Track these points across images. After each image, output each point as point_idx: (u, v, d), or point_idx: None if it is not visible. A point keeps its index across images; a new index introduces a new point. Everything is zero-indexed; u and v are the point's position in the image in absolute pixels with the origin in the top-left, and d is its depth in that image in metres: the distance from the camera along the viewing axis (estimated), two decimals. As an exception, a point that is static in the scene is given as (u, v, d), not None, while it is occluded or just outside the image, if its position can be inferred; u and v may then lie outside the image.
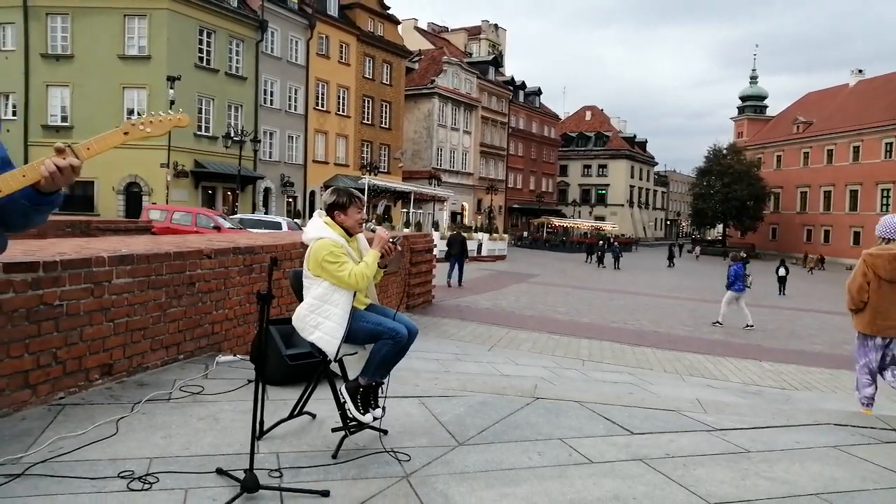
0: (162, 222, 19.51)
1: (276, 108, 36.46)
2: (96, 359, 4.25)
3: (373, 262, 3.47)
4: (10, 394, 3.60)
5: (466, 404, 4.54)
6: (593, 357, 9.05)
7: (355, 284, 3.39)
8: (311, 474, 3.19)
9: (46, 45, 29.84)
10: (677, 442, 3.99)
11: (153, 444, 3.39)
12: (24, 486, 2.79)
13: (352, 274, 3.38)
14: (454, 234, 20.66)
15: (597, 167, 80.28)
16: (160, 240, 6.42)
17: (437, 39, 60.85)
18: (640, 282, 27.00)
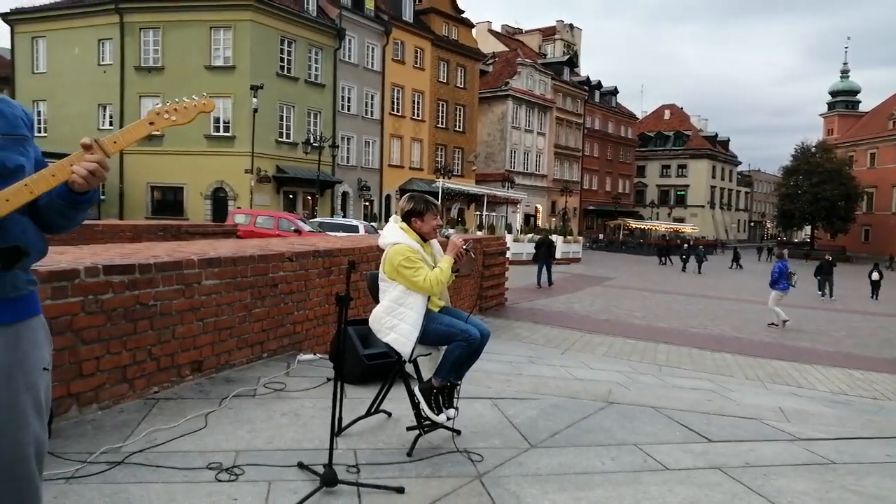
0: (246, 226, 20.31)
1: (353, 113, 37.27)
2: (187, 356, 4.51)
3: (447, 267, 3.55)
4: (110, 387, 3.87)
5: (539, 407, 4.55)
6: (671, 362, 8.85)
7: (429, 289, 3.48)
8: (387, 471, 3.29)
9: (140, 58, 31.57)
10: (757, 451, 3.88)
11: (239, 437, 3.57)
12: (123, 473, 3.01)
13: (427, 279, 3.47)
14: (541, 238, 21.47)
15: (676, 167, 78.03)
16: (245, 243, 6.72)
17: (510, 41, 60.70)
18: (722, 285, 26.09)
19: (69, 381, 3.60)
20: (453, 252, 3.61)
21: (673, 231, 61.47)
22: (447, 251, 3.64)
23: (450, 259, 3.58)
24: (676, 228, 63.14)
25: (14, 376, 1.70)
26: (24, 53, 34.63)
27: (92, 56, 32.44)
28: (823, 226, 65.32)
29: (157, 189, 31.94)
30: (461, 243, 3.62)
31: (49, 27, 33.69)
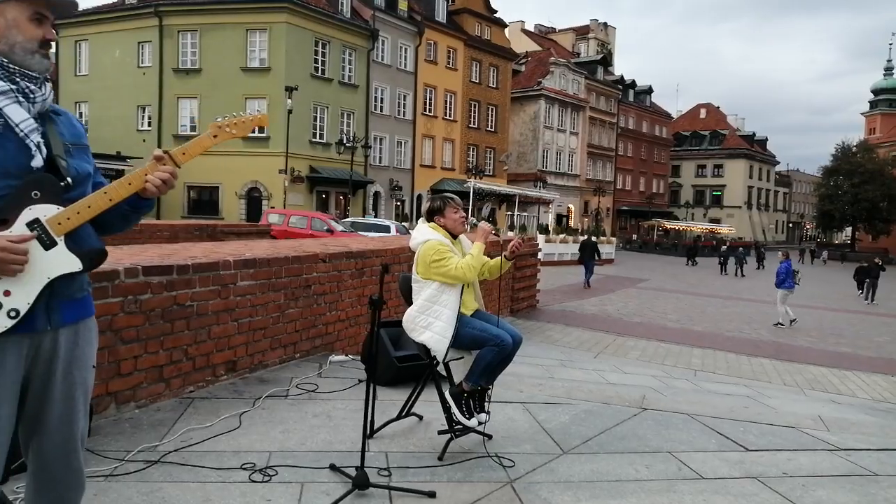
0: (280, 225, 20.54)
1: (386, 114, 37.45)
2: (222, 356, 4.57)
3: (477, 253, 3.56)
4: (147, 386, 3.94)
5: (571, 412, 4.51)
6: (706, 367, 8.70)
7: (462, 276, 3.48)
8: (419, 475, 3.29)
9: (178, 61, 32.16)
10: (796, 461, 3.79)
11: (272, 438, 3.61)
12: (160, 471, 3.06)
13: (458, 266, 3.48)
14: (585, 240, 22.48)
15: (712, 167, 76.77)
16: (279, 244, 6.79)
17: (544, 41, 60.38)
18: (758, 288, 25.56)
19: (108, 380, 3.68)
20: (483, 238, 3.63)
21: (708, 232, 60.49)
22: (477, 237, 3.66)
23: (480, 245, 3.59)
24: (712, 229, 62.12)
25: (71, 372, 1.82)
26: (67, 57, 35.56)
27: (132, 59, 33.17)
28: (865, 227, 63.65)
29: (193, 189, 32.50)
30: (489, 228, 3.66)
31: (91, 31, 34.54)
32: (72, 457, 1.88)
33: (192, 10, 31.92)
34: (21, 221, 1.66)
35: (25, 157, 1.69)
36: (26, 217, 1.67)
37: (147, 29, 32.46)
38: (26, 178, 1.68)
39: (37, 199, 1.68)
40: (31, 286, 1.68)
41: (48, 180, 1.71)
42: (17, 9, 1.69)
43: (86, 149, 1.90)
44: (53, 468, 1.87)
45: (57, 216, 1.71)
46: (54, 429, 1.83)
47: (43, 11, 1.73)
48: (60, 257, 1.73)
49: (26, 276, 1.67)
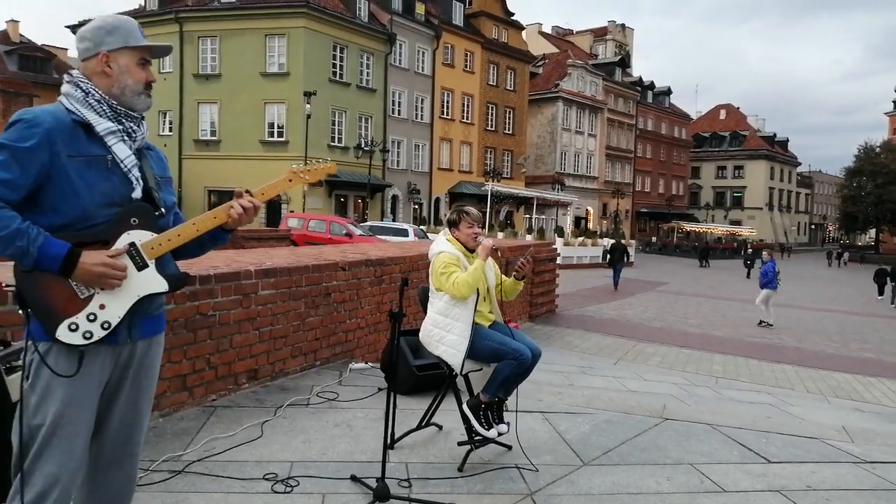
0: (299, 230, 20.66)
1: (404, 117, 37.56)
2: (244, 364, 4.62)
3: (474, 270, 3.55)
4: (170, 395, 4.00)
5: (592, 422, 4.50)
6: (727, 374, 8.62)
7: (457, 292, 3.49)
8: (439, 486, 3.30)
9: (198, 66, 32.51)
10: (819, 473, 3.74)
11: (294, 448, 3.64)
12: (183, 482, 3.10)
13: (455, 283, 3.49)
14: (615, 243, 23.11)
15: (732, 168, 76.03)
16: (299, 252, 6.84)
17: (561, 43, 60.22)
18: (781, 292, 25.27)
19: (133, 390, 3.72)
20: (484, 254, 3.62)
21: (728, 234, 59.92)
22: (479, 254, 3.67)
23: (480, 262, 3.59)
24: (733, 231, 61.53)
25: (139, 381, 2.03)
26: (89, 63, 36.02)
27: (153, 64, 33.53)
28: (889, 229, 62.65)
29: (214, 193, 32.80)
30: (490, 244, 3.65)
31: (113, 37, 34.94)
32: (127, 462, 2.05)
33: (211, 17, 32.26)
34: (120, 244, 1.89)
35: (127, 188, 1.93)
36: (124, 240, 1.89)
37: (168, 35, 32.80)
38: (127, 207, 1.91)
39: (135, 225, 1.92)
40: (124, 302, 1.89)
41: (145, 209, 1.95)
42: (127, 55, 1.96)
43: (170, 181, 2.14)
44: (109, 471, 2.02)
45: (150, 241, 1.93)
46: (116, 433, 2.01)
47: (147, 57, 2.01)
48: (150, 278, 1.94)
49: (120, 292, 1.88)
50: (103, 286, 1.84)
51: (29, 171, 1.76)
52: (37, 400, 1.82)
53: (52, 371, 1.80)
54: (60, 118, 1.84)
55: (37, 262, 1.75)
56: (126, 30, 1.97)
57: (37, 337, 1.82)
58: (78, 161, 1.83)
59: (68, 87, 1.93)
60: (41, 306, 1.80)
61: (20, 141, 1.76)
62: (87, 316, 1.83)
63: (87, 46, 1.95)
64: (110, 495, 2.04)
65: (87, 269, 1.79)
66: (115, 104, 1.93)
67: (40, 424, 1.82)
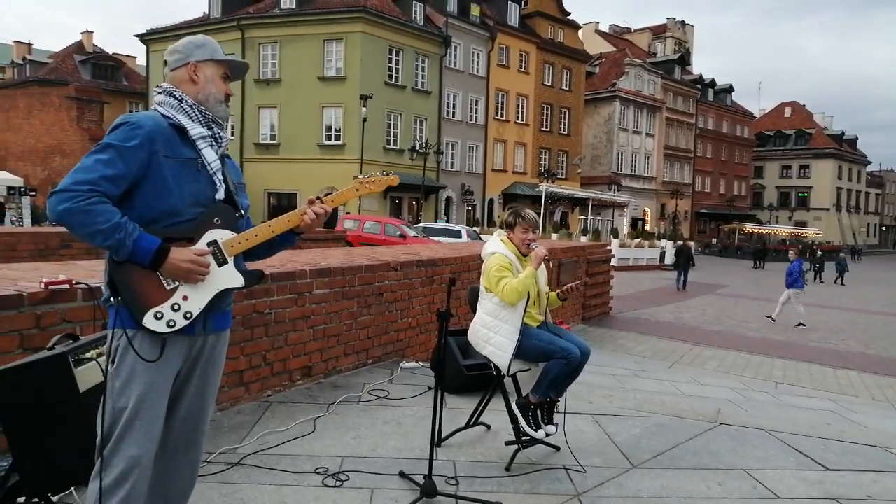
0: (355, 231, 20.97)
1: (458, 119, 37.66)
2: (298, 361, 4.76)
3: (525, 278, 3.54)
4: (228, 390, 4.15)
5: (642, 425, 4.45)
6: (788, 379, 8.35)
7: (505, 298, 3.51)
8: (486, 485, 3.33)
9: (259, 72, 33.36)
10: (881, 483, 3.61)
11: (345, 443, 3.73)
12: (239, 473, 3.23)
13: (504, 289, 3.50)
14: (681, 246, 24.13)
15: (797, 168, 73.34)
16: (353, 252, 6.98)
17: (618, 41, 59.30)
18: (848, 295, 24.29)
19: (193, 384, 3.88)
20: (536, 263, 3.61)
21: (793, 235, 57.88)
22: (531, 261, 3.65)
23: (531, 270, 3.58)
24: (798, 233, 59.41)
25: (207, 372, 2.18)
26: (156, 70, 37.46)
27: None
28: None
29: (273, 195, 33.59)
30: (542, 254, 3.62)
31: (178, 45, 36.22)
32: (192, 449, 2.20)
33: (272, 23, 33.06)
34: (203, 241, 2.05)
35: (212, 190, 2.10)
36: (207, 238, 2.06)
37: (230, 42, 33.77)
38: (210, 207, 2.08)
39: (217, 224, 2.08)
40: (204, 294, 2.05)
41: (228, 210, 2.12)
42: (213, 68, 2.16)
43: (244, 187, 2.33)
44: (175, 457, 2.16)
45: (231, 240, 2.09)
46: (184, 421, 2.15)
47: (227, 72, 2.21)
48: (229, 274, 2.10)
49: (202, 285, 2.03)
50: (189, 280, 1.99)
51: (131, 168, 1.92)
52: (121, 384, 1.96)
53: (138, 355, 1.94)
54: (159, 122, 2.02)
55: (131, 255, 1.89)
56: (212, 46, 2.20)
57: (125, 324, 1.95)
58: (173, 161, 2.00)
59: (161, 96, 2.11)
60: (131, 295, 1.94)
61: (126, 140, 1.92)
62: (171, 306, 1.98)
63: (178, 57, 2.15)
64: (176, 480, 2.18)
65: (176, 264, 1.94)
66: (204, 110, 2.12)
67: (124, 407, 1.95)
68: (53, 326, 3.04)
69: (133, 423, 1.95)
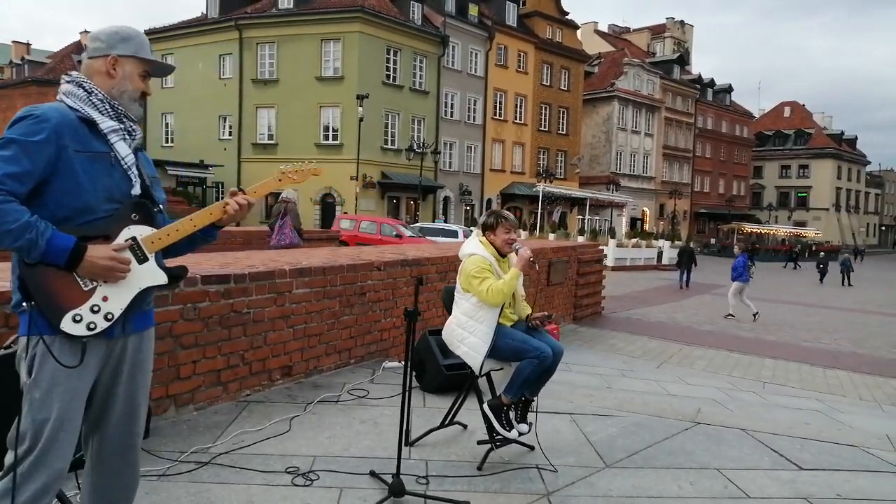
0: (351, 231, 21.00)
1: (456, 119, 37.68)
2: (278, 361, 4.76)
3: (510, 279, 3.55)
4: (205, 390, 4.15)
5: (620, 425, 4.45)
6: (776, 379, 8.34)
7: (490, 300, 3.50)
8: (456, 484, 3.34)
9: (256, 72, 33.40)
10: (853, 482, 3.62)
11: (318, 443, 3.74)
12: (209, 473, 3.23)
13: (489, 289, 3.49)
14: (683, 247, 25.07)
15: (797, 168, 73.29)
16: (338, 252, 6.98)
17: (617, 41, 59.28)
18: (846, 295, 24.28)
19: (168, 383, 3.89)
20: (521, 265, 3.60)
21: (792, 235, 57.86)
22: (515, 263, 3.64)
23: (516, 271, 3.58)
24: (797, 233, 59.38)
25: (135, 375, 2.09)
26: (155, 70, 37.45)
27: (214, 70, 34.67)
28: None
29: (270, 195, 33.52)
30: (528, 255, 3.61)
31: (176, 45, 36.33)
32: (130, 452, 2.13)
33: (269, 23, 33.10)
34: (121, 238, 1.97)
35: (127, 185, 2.02)
36: (125, 235, 1.98)
37: (228, 42, 33.85)
38: (127, 203, 2.00)
39: (135, 220, 2.00)
40: (126, 294, 1.97)
41: (145, 206, 2.04)
42: (133, 64, 2.07)
43: (159, 181, 2.23)
44: (112, 463, 2.09)
45: (150, 236, 2.01)
46: (116, 425, 2.06)
47: (149, 71, 2.12)
48: (151, 271, 2.03)
49: (122, 284, 1.96)
50: (108, 279, 1.91)
51: (38, 165, 1.83)
52: (41, 394, 1.86)
53: (59, 362, 1.84)
54: (66, 114, 1.92)
55: (44, 255, 1.80)
56: (139, 42, 2.09)
57: (41, 330, 1.85)
58: (84, 156, 1.91)
59: (69, 86, 2.00)
60: (46, 298, 1.84)
61: (30, 135, 1.83)
62: (90, 308, 1.89)
63: (99, 46, 2.04)
64: (116, 486, 2.11)
65: (94, 262, 1.85)
66: (116, 105, 2.02)
67: (47, 419, 1.85)
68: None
69: (58, 434, 1.86)
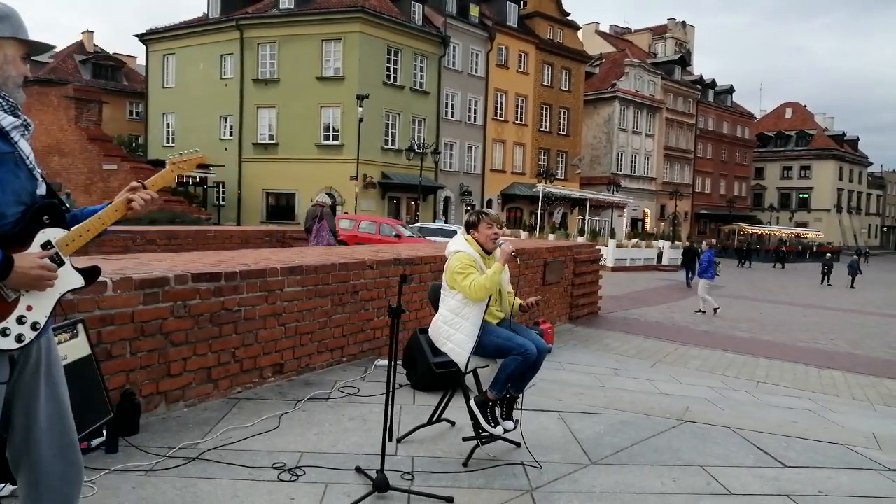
0: (350, 231, 21.03)
1: (457, 119, 37.70)
2: (269, 359, 4.80)
3: (491, 274, 3.59)
4: (196, 387, 4.19)
5: (608, 422, 4.49)
6: (770, 379, 8.37)
7: (473, 295, 3.55)
8: (441, 480, 3.38)
9: (257, 72, 33.44)
10: (836, 480, 3.65)
11: (306, 439, 3.78)
12: (196, 468, 3.27)
13: (472, 285, 3.54)
14: (688, 247, 26.03)
15: (798, 169, 73.25)
16: (333, 251, 7.02)
17: (619, 42, 59.30)
18: (845, 296, 24.27)
19: (158, 380, 3.93)
20: (503, 259, 3.65)
21: (793, 236, 57.82)
22: (498, 258, 3.69)
23: (498, 266, 3.62)
24: (798, 234, 59.34)
25: (52, 375, 2.01)
26: (156, 70, 37.57)
27: (215, 70, 34.71)
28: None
29: (271, 195, 33.70)
30: (509, 250, 3.66)
31: (177, 45, 36.37)
32: (69, 450, 2.03)
33: (270, 23, 33.14)
34: (36, 243, 1.85)
35: (32, 185, 1.89)
36: (40, 239, 1.86)
37: (229, 42, 33.88)
38: (37, 205, 1.87)
39: (47, 223, 1.88)
40: (48, 301, 1.88)
41: (54, 206, 1.92)
42: (14, 47, 1.85)
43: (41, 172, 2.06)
44: (53, 467, 1.99)
45: (64, 238, 1.91)
46: (49, 428, 1.97)
47: (28, 52, 1.91)
48: (69, 275, 1.93)
49: (46, 292, 1.86)
50: (38, 288, 1.82)
51: None
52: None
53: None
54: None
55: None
56: (17, 21, 1.87)
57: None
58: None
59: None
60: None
61: None
62: (16, 319, 1.80)
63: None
64: (58, 485, 2.02)
65: (24, 273, 1.76)
66: (6, 95, 1.85)
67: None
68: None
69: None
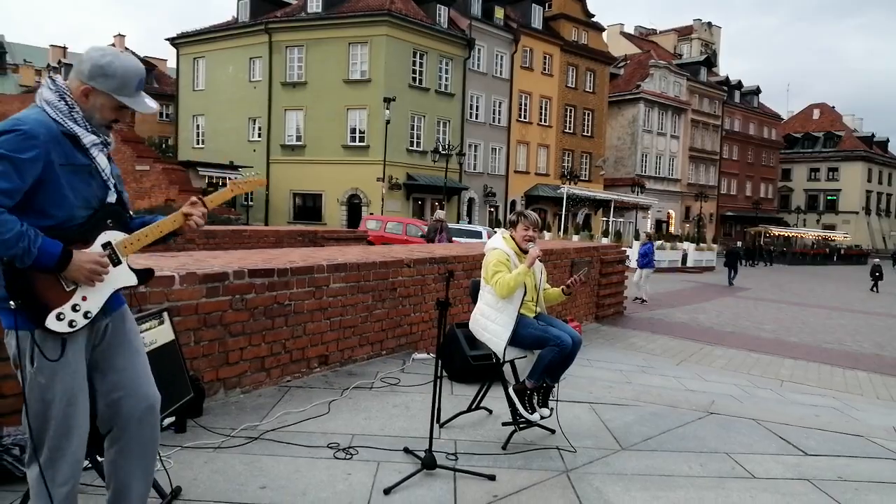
0: (377, 231, 21.39)
1: (481, 121, 37.96)
2: (315, 350, 5.11)
3: (517, 275, 3.84)
4: (250, 375, 4.51)
5: (637, 413, 4.72)
6: (795, 378, 8.51)
7: (498, 291, 3.82)
8: (482, 461, 3.65)
9: (285, 75, 34.01)
10: (854, 467, 3.85)
11: (356, 423, 4.07)
12: (258, 446, 3.58)
13: (498, 282, 3.81)
14: (732, 248, 27.38)
15: (826, 170, 72.33)
16: (370, 250, 7.33)
17: (643, 43, 59.13)
18: (873, 299, 24.10)
19: (218, 368, 4.26)
20: (529, 262, 3.90)
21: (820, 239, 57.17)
22: (526, 260, 3.95)
23: (524, 268, 3.87)
24: (826, 236, 58.65)
25: (131, 340, 2.32)
26: (186, 73, 38.37)
27: (244, 73, 35.36)
28: None
29: (298, 196, 34.24)
30: (536, 254, 3.91)
31: (207, 49, 37.12)
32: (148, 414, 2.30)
33: (298, 27, 33.69)
34: (98, 243, 2.15)
35: (103, 193, 2.20)
36: (101, 240, 2.16)
37: (257, 45, 34.51)
38: (102, 210, 2.19)
39: (110, 226, 2.19)
40: (102, 294, 2.17)
41: (118, 212, 2.24)
42: (107, 99, 2.14)
43: (122, 180, 2.36)
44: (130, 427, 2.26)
45: (124, 241, 2.21)
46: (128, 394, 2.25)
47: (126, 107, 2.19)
48: (124, 273, 2.23)
49: (99, 285, 2.14)
50: (90, 281, 2.08)
51: (27, 181, 1.95)
52: (46, 379, 2.06)
53: (44, 356, 2.04)
54: (51, 129, 2.03)
55: (36, 261, 1.94)
56: (121, 81, 2.12)
57: (26, 326, 2.03)
58: (67, 169, 2.05)
59: (52, 95, 2.09)
60: (33, 298, 2.00)
61: (20, 152, 1.93)
62: (72, 306, 2.07)
63: (81, 70, 2.11)
64: (139, 446, 2.29)
65: (79, 266, 2.03)
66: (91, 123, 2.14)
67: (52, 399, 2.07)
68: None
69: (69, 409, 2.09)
